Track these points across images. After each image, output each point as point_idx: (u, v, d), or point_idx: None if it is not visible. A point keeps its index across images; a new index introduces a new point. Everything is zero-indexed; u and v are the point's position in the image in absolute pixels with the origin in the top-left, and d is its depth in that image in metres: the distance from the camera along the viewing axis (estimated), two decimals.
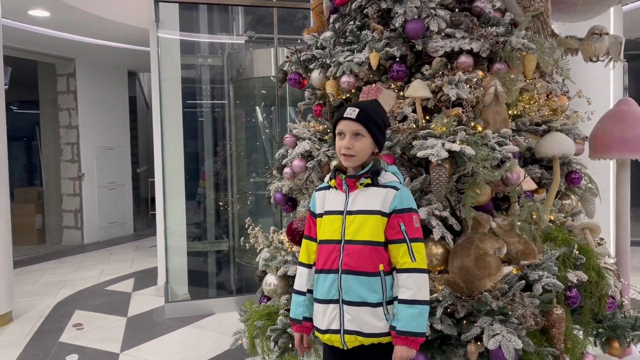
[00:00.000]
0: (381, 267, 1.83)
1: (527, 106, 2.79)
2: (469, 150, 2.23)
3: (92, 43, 7.81)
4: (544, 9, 2.76)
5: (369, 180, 1.87)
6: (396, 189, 1.87)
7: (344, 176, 1.90)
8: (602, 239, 3.17)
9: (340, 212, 1.88)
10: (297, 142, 2.84)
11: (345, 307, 1.83)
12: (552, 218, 2.75)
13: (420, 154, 2.27)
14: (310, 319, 1.99)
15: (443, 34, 2.67)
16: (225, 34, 6.38)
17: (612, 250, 3.26)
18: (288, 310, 2.63)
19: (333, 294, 1.85)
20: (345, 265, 1.83)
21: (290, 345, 2.51)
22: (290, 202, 3.11)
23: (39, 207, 9.00)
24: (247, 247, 3.18)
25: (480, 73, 2.64)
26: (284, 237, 2.98)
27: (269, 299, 2.97)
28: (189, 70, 6.13)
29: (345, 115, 1.87)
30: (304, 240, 2.03)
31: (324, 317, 1.87)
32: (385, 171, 1.93)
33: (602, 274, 2.47)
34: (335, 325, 1.85)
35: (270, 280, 2.89)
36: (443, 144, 2.27)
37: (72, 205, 8.85)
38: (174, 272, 5.27)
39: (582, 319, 2.49)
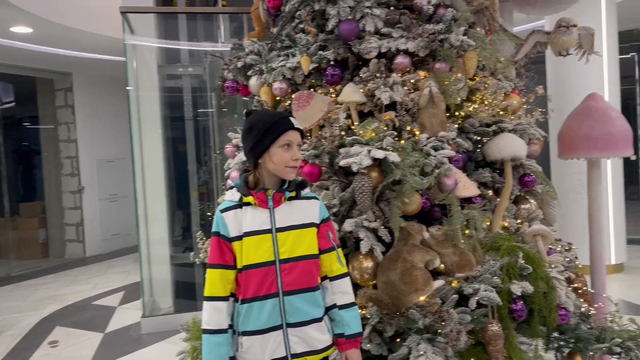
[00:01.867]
0: (319, 279, 1.79)
1: (476, 106, 2.62)
2: (394, 157, 2.09)
3: (86, 57, 7.87)
4: (489, 3, 2.60)
5: (293, 193, 1.78)
6: (316, 199, 1.83)
7: (272, 191, 1.75)
8: (570, 245, 2.99)
9: (267, 231, 1.73)
10: (236, 153, 2.73)
11: (289, 330, 1.71)
12: (505, 224, 2.58)
13: (342, 162, 2.14)
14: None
15: (380, 34, 2.53)
16: (209, 42, 6.33)
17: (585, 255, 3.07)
18: None
19: (275, 320, 1.70)
20: (287, 286, 1.71)
21: None
22: None
23: (42, 221, 9.09)
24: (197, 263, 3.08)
25: (421, 74, 2.50)
26: None
27: None
28: (172, 79, 6.09)
29: (296, 126, 1.76)
30: (214, 271, 1.73)
31: (265, 348, 1.70)
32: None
33: (551, 284, 2.29)
34: (280, 353, 1.71)
35: None
36: (369, 151, 2.14)
37: (73, 218, 8.92)
38: (157, 284, 5.22)
39: (532, 333, 2.31)
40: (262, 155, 1.75)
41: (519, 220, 2.65)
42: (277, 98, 2.68)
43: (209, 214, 6.30)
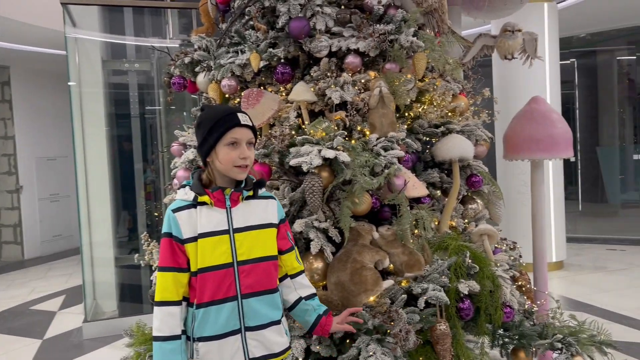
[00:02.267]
0: (278, 280, 1.75)
1: (426, 107, 2.65)
2: (344, 157, 2.08)
3: (24, 50, 7.49)
4: (439, 5, 2.63)
5: (251, 193, 1.71)
6: (273, 198, 1.78)
7: (230, 190, 1.67)
8: (514, 243, 3.07)
9: (224, 232, 1.65)
10: (183, 151, 2.65)
11: (248, 334, 1.64)
12: (452, 224, 2.61)
13: (293, 162, 2.11)
14: None
15: (331, 33, 2.51)
16: (157, 38, 6.15)
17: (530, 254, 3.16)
18: None
19: (233, 324, 1.63)
20: (246, 288, 1.64)
21: None
22: None
23: None
24: (142, 265, 2.98)
25: (371, 74, 2.50)
26: None
27: None
28: (117, 75, 5.88)
29: (243, 122, 1.66)
30: (165, 274, 1.63)
31: (222, 353, 1.63)
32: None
33: (497, 282, 2.33)
34: (238, 358, 1.65)
35: None
36: (320, 151, 2.11)
37: (10, 219, 8.48)
38: (101, 287, 5.03)
39: (479, 331, 2.35)
40: (210, 154, 1.69)
41: (466, 220, 2.69)
42: (226, 95, 2.61)
43: (156, 214, 6.13)
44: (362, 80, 2.43)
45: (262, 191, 1.75)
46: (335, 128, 2.26)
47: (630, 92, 10.20)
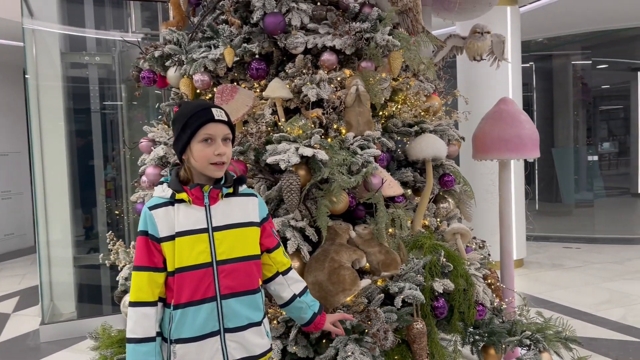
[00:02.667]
0: (260, 281, 1.69)
1: (400, 107, 2.65)
2: (322, 155, 2.06)
3: None
4: (413, 4, 2.64)
5: (231, 190, 1.66)
6: (255, 195, 1.73)
7: (209, 187, 1.62)
8: (483, 242, 3.12)
9: (203, 230, 1.60)
10: (152, 148, 2.57)
11: (227, 335, 1.59)
12: (425, 223, 2.63)
13: (270, 159, 2.07)
14: None
15: (306, 30, 2.48)
16: (118, 31, 5.97)
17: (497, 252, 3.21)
18: None
19: (212, 326, 1.58)
20: (226, 289, 1.59)
21: None
22: None
23: None
24: (112, 259, 2.87)
25: (347, 72, 2.48)
26: None
27: None
28: (77, 68, 5.68)
29: (217, 117, 1.60)
30: (140, 274, 1.58)
31: (202, 356, 1.58)
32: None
33: (470, 281, 2.36)
34: None
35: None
36: (297, 149, 2.08)
37: None
38: (58, 288, 4.84)
39: (451, 329, 2.37)
40: (185, 151, 1.64)
41: (438, 219, 2.71)
42: (198, 91, 2.55)
43: (117, 212, 5.96)
44: (338, 78, 2.41)
45: (242, 188, 1.70)
46: (312, 126, 2.24)
47: (584, 95, 10.58)
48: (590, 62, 9.84)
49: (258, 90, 2.50)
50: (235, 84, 2.53)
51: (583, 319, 4.16)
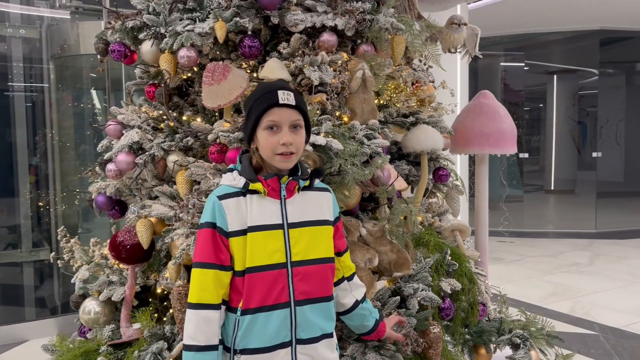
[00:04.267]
0: (333, 286, 1.55)
1: (394, 95, 2.50)
2: (337, 145, 1.86)
3: None
4: None
5: (307, 183, 1.48)
6: (329, 190, 1.56)
7: (287, 179, 1.43)
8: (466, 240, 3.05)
9: (278, 226, 1.42)
10: (124, 132, 2.24)
11: (299, 347, 1.41)
12: (420, 219, 2.50)
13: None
14: None
15: (304, 7, 2.26)
16: (44, 1, 5.38)
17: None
18: (114, 346, 2.07)
19: (284, 336, 1.40)
20: (301, 294, 1.41)
21: None
22: (118, 207, 2.50)
23: None
24: (66, 259, 2.49)
25: (344, 55, 2.29)
26: (107, 251, 2.37)
27: (90, 330, 2.35)
28: None
29: (282, 101, 1.40)
30: (205, 272, 1.40)
31: None
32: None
33: (473, 279, 2.27)
34: None
35: (90, 307, 2.28)
36: None
37: None
38: None
39: (454, 330, 2.26)
40: (253, 139, 1.48)
41: (430, 215, 2.60)
42: (179, 69, 2.25)
43: (41, 203, 5.39)
44: (339, 62, 2.21)
45: (317, 182, 1.52)
46: (318, 112, 2.03)
47: (509, 95, 11.03)
48: (524, 64, 10.25)
49: (249, 71, 2.25)
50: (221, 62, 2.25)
51: (537, 312, 4.25)
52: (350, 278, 1.62)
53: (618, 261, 6.08)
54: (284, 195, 1.43)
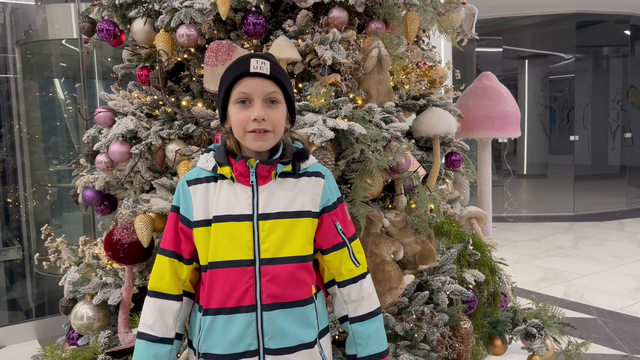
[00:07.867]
0: (313, 289, 1.29)
1: (404, 76, 2.36)
2: (359, 129, 1.71)
3: None
4: None
5: (289, 168, 1.26)
6: (322, 175, 1.31)
7: (255, 161, 1.22)
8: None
9: (247, 217, 1.21)
10: (116, 119, 2.03)
11: (268, 358, 1.21)
12: (432, 207, 2.38)
13: (299, 132, 1.68)
14: None
15: None
16: None
17: None
18: (112, 354, 1.89)
19: (249, 344, 1.20)
20: (269, 298, 1.20)
21: None
22: (107, 202, 2.29)
23: None
24: (52, 260, 2.27)
25: (354, 33, 2.13)
26: (100, 250, 2.17)
27: (80, 336, 2.16)
28: None
29: (253, 70, 1.19)
30: (162, 258, 1.26)
31: None
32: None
33: (495, 269, 2.16)
34: None
35: (83, 312, 2.10)
36: (324, 121, 1.71)
37: None
38: None
39: (476, 323, 2.15)
40: (226, 117, 1.27)
41: (444, 202, 2.48)
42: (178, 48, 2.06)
43: (8, 200, 5.08)
44: (351, 40, 2.05)
45: (306, 165, 1.29)
46: (333, 94, 1.87)
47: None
48: (502, 49, 10.23)
49: (252, 50, 2.07)
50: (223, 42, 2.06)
51: (532, 299, 4.21)
52: (342, 284, 1.33)
53: (601, 243, 6.13)
54: (253, 182, 1.23)
